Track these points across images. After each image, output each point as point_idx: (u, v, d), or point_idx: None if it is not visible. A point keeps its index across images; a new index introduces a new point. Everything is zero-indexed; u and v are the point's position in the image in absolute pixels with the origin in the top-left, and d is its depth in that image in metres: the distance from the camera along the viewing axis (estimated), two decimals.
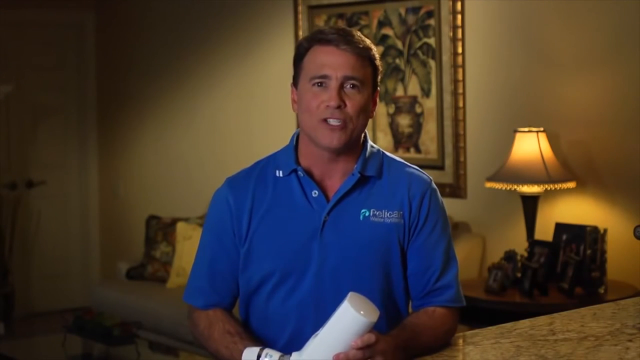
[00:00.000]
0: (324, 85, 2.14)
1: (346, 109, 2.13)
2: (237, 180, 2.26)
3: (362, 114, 2.16)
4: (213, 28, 6.56)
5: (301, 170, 2.20)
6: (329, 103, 2.12)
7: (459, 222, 5.10)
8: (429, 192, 2.25)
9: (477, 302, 4.34)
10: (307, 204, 2.18)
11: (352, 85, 2.14)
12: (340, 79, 2.13)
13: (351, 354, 1.93)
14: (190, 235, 5.96)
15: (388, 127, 5.51)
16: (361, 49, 2.15)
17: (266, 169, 2.25)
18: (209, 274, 2.26)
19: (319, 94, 2.14)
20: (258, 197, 2.21)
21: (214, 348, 2.19)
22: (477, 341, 2.06)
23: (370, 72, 2.18)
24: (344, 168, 2.20)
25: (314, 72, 2.15)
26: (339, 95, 2.12)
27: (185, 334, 5.32)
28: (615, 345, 1.93)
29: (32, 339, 6.05)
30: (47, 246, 7.32)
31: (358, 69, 2.14)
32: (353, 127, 2.15)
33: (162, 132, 7.01)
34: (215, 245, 2.25)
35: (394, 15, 5.44)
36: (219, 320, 2.20)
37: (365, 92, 2.16)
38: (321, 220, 2.16)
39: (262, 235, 2.19)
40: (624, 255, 4.47)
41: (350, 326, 1.94)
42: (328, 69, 2.13)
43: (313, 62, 2.16)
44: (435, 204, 2.25)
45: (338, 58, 2.13)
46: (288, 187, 2.21)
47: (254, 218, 2.20)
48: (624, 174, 4.57)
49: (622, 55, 4.56)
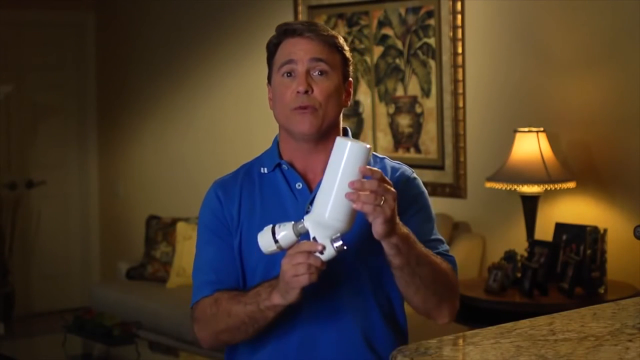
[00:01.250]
0: (293, 74, 2.18)
1: (314, 94, 2.17)
2: (224, 180, 2.32)
3: (332, 99, 2.19)
4: (213, 28, 6.56)
5: (285, 163, 2.25)
6: (297, 89, 2.16)
7: (459, 222, 5.10)
8: (411, 179, 2.28)
9: (477, 302, 4.35)
10: (292, 196, 2.22)
11: (320, 72, 2.18)
12: (306, 63, 2.18)
13: (366, 181, 1.94)
14: (190, 235, 5.97)
15: (388, 127, 5.51)
16: (326, 36, 2.21)
17: (251, 169, 2.30)
18: (212, 265, 2.26)
19: (289, 83, 2.19)
20: (245, 192, 2.26)
21: (225, 313, 2.16)
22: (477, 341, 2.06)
23: (338, 59, 2.22)
24: (325, 160, 2.22)
25: (282, 59, 2.20)
26: (306, 81, 2.17)
27: (185, 334, 5.33)
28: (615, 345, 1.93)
29: (32, 339, 6.05)
30: (47, 246, 7.32)
31: (324, 53, 2.19)
32: (324, 112, 2.18)
33: (162, 132, 7.01)
34: (213, 239, 2.27)
35: (394, 15, 5.44)
36: (224, 293, 2.20)
37: (334, 78, 2.20)
38: (304, 212, 2.17)
39: (250, 228, 2.22)
40: (624, 255, 4.47)
41: (350, 158, 1.95)
42: (294, 54, 2.18)
43: (281, 54, 2.22)
44: (418, 191, 2.28)
45: (303, 44, 2.19)
46: (273, 182, 2.25)
47: (242, 211, 2.24)
48: (624, 174, 4.57)
49: (622, 55, 4.56)
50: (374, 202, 1.94)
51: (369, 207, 1.94)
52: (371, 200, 1.93)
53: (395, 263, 2.06)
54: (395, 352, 2.05)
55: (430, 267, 2.12)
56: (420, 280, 2.10)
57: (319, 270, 1.99)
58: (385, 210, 1.95)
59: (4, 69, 7.10)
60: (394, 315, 2.27)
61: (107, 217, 7.51)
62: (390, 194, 1.97)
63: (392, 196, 1.97)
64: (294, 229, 2.01)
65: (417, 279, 2.10)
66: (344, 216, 1.97)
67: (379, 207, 1.94)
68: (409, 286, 2.11)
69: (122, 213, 7.36)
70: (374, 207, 1.94)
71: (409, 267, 2.07)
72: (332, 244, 1.98)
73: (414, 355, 2.02)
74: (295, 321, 2.18)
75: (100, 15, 7.49)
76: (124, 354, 4.97)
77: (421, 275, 2.10)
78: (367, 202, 1.94)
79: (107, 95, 7.49)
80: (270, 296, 2.08)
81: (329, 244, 1.98)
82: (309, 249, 1.99)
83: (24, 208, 7.21)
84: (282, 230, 2.02)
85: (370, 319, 2.23)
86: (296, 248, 2.00)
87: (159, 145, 7.03)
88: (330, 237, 1.98)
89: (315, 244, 1.99)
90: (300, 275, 1.99)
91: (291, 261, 2.00)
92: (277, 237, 2.01)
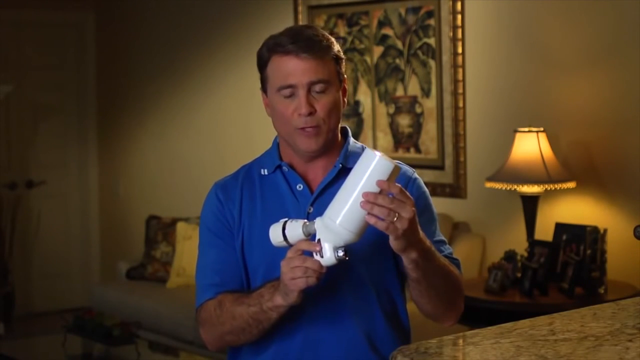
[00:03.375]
0: (292, 94, 2.16)
1: (317, 113, 2.16)
2: (224, 181, 2.31)
3: (334, 112, 2.19)
4: (213, 28, 6.56)
5: (285, 165, 2.25)
6: (299, 112, 2.15)
7: (459, 222, 5.10)
8: (412, 181, 2.27)
9: (477, 302, 4.34)
10: (293, 197, 2.22)
11: (320, 89, 2.16)
12: (306, 86, 2.15)
13: (380, 196, 1.92)
14: (190, 235, 5.97)
15: (388, 127, 5.51)
16: (321, 51, 2.16)
17: (251, 170, 2.30)
18: (215, 267, 2.25)
19: (289, 103, 2.16)
20: (246, 193, 2.26)
21: (229, 316, 2.16)
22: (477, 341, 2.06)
23: (334, 68, 2.20)
24: (326, 163, 2.24)
25: (280, 82, 2.17)
26: (308, 103, 2.15)
27: (185, 334, 5.33)
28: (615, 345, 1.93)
29: (32, 339, 6.05)
30: (47, 246, 7.32)
31: (322, 72, 2.16)
32: (328, 128, 2.18)
33: (162, 132, 7.01)
34: (215, 241, 2.26)
35: (394, 15, 5.44)
36: (228, 295, 2.20)
37: (333, 90, 2.19)
38: (305, 212, 2.19)
39: (251, 230, 2.22)
40: (624, 255, 4.47)
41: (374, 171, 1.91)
42: (292, 78, 2.15)
43: (277, 72, 2.18)
44: (420, 192, 2.27)
45: (300, 66, 2.15)
46: (274, 183, 2.25)
47: (243, 212, 2.24)
48: (624, 174, 4.57)
49: (621, 55, 4.56)
50: (387, 218, 1.92)
51: (382, 224, 1.92)
52: (384, 215, 1.92)
53: (413, 276, 2.06)
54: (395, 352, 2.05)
55: (445, 278, 2.12)
56: (434, 291, 2.11)
57: (317, 273, 1.98)
58: (398, 227, 1.93)
59: (4, 69, 7.11)
60: (396, 315, 2.27)
61: (107, 217, 7.51)
62: (407, 211, 1.93)
63: (408, 213, 1.93)
64: (303, 228, 2.01)
65: (432, 290, 2.10)
66: (354, 227, 1.96)
67: (392, 224, 1.93)
68: (423, 296, 2.11)
69: (122, 213, 7.36)
70: (388, 224, 1.92)
71: (425, 280, 2.07)
72: (335, 251, 1.97)
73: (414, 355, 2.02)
74: (297, 323, 2.18)
75: (100, 15, 7.49)
76: (124, 354, 4.97)
77: (436, 286, 2.10)
78: (379, 215, 1.92)
79: (107, 95, 7.49)
80: (272, 297, 2.08)
81: (332, 251, 1.97)
82: (307, 248, 1.99)
83: (24, 208, 7.21)
84: (292, 227, 2.02)
85: (373, 319, 2.23)
86: (295, 247, 2.01)
87: (159, 145, 7.03)
88: (335, 245, 1.98)
89: (313, 244, 1.98)
90: (297, 279, 1.99)
91: (289, 264, 2.00)
92: (286, 232, 2.02)
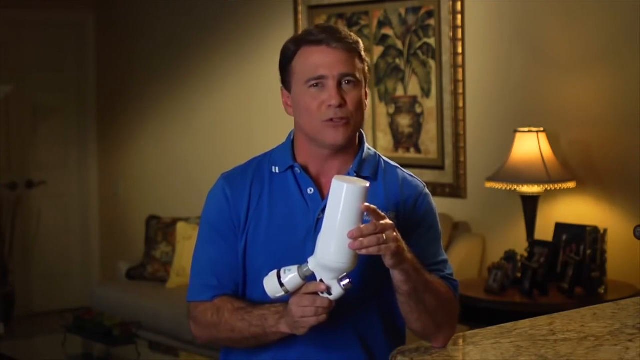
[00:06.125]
0: (321, 85, 2.14)
1: (347, 105, 2.14)
2: (233, 175, 2.26)
3: (361, 108, 2.18)
4: (213, 28, 6.56)
5: (298, 166, 2.21)
6: (330, 102, 2.13)
7: (459, 222, 5.10)
8: (423, 196, 2.25)
9: (477, 302, 4.34)
10: (303, 201, 2.19)
11: (349, 82, 2.15)
12: (337, 77, 2.14)
13: (363, 227, 1.94)
14: (190, 235, 5.97)
15: (388, 127, 5.51)
16: (351, 44, 2.16)
17: (262, 165, 2.25)
18: (213, 268, 2.22)
19: (317, 94, 2.14)
20: (255, 192, 2.21)
21: (228, 327, 2.16)
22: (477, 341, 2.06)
23: (361, 67, 2.19)
24: (340, 167, 2.21)
25: (309, 74, 2.15)
26: (339, 94, 2.13)
27: (186, 334, 5.32)
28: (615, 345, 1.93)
29: (32, 339, 6.06)
30: (47, 246, 7.32)
31: (352, 65, 2.15)
32: (355, 122, 2.17)
33: (162, 132, 7.01)
34: (217, 239, 2.22)
35: (394, 15, 5.44)
36: (226, 303, 2.18)
37: (360, 87, 2.18)
38: (315, 219, 2.16)
39: (256, 232, 2.19)
40: (624, 255, 4.47)
41: (347, 200, 1.94)
42: (323, 69, 2.13)
43: (305, 64, 2.16)
44: (429, 208, 2.25)
45: (331, 56, 2.14)
46: (284, 184, 2.21)
47: (250, 211, 2.20)
48: (624, 174, 4.57)
49: (621, 55, 4.56)
50: (378, 243, 1.94)
51: (374, 250, 1.95)
52: (374, 242, 1.94)
53: (404, 289, 2.06)
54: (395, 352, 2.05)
55: (435, 294, 2.11)
56: (424, 307, 2.09)
57: (327, 310, 2.01)
58: (390, 245, 1.96)
59: (4, 69, 7.10)
60: (395, 325, 2.25)
61: (107, 217, 7.51)
62: (389, 228, 1.97)
63: (391, 229, 1.97)
64: (299, 272, 2.02)
65: (422, 306, 2.09)
66: (347, 258, 1.98)
67: (383, 245, 1.95)
68: (413, 312, 2.10)
69: (122, 213, 7.36)
70: (379, 247, 1.95)
71: (416, 293, 2.07)
72: (339, 283, 2.00)
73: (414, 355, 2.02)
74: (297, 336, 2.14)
75: (100, 15, 7.49)
76: (124, 354, 4.98)
77: (426, 303, 2.09)
78: (370, 245, 1.94)
79: (107, 95, 7.48)
80: (277, 324, 2.09)
81: (336, 285, 2.00)
82: (315, 289, 2.00)
83: (24, 208, 7.21)
84: (288, 274, 2.03)
85: (372, 329, 2.22)
86: (304, 290, 2.01)
87: (159, 145, 7.03)
88: (337, 278, 2.00)
89: (320, 285, 2.00)
90: (307, 317, 2.01)
91: (299, 303, 2.01)
92: (284, 281, 2.02)
